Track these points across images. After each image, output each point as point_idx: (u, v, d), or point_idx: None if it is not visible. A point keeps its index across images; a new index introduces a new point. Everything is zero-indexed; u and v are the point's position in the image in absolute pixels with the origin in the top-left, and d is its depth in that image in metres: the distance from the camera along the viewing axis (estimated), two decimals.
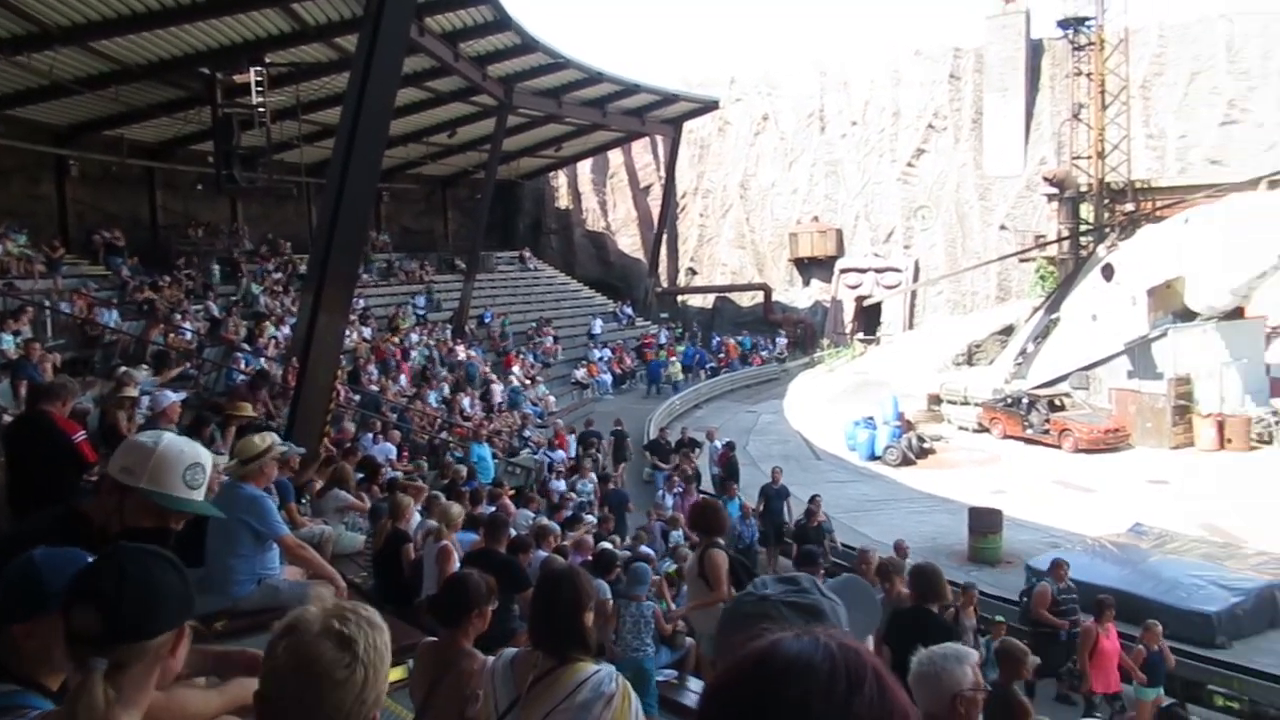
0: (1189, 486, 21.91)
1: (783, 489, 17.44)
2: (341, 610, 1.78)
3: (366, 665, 1.73)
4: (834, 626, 1.54)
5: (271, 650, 1.74)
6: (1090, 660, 10.38)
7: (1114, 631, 10.58)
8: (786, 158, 51.81)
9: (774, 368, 41.93)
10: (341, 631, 1.72)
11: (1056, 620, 11.62)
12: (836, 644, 1.11)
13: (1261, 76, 41.40)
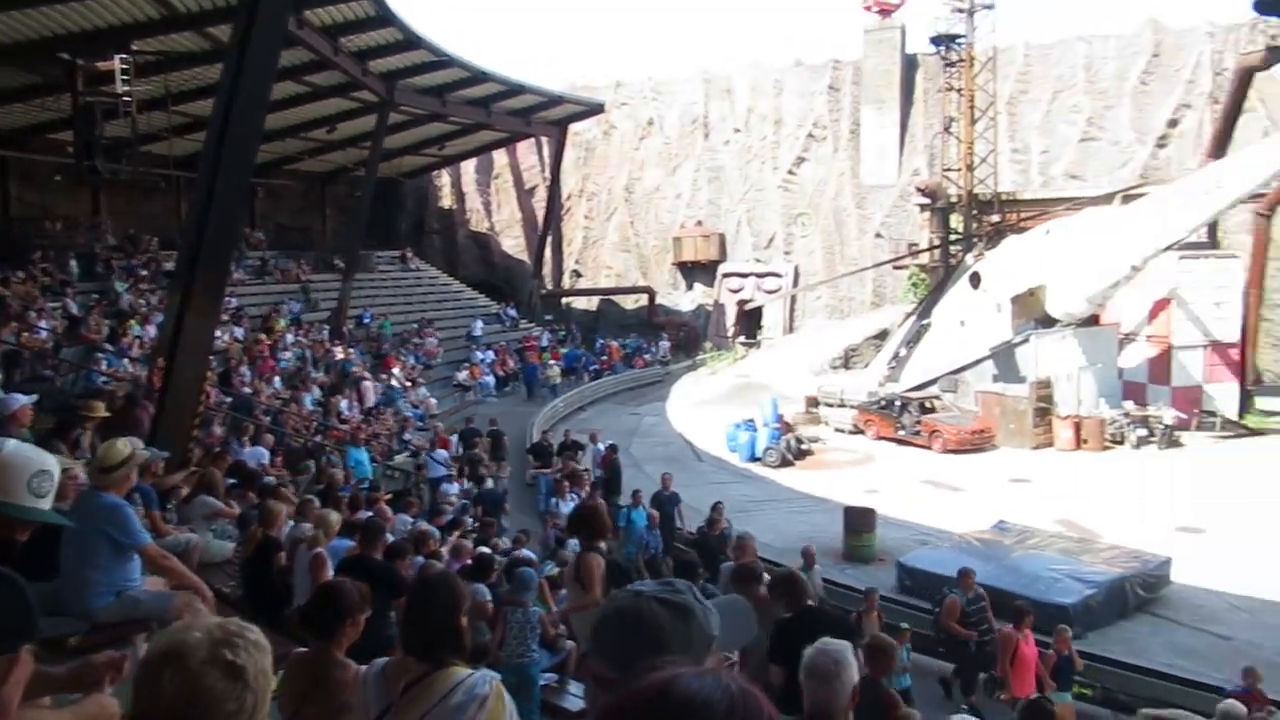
0: (1048, 485, 23.00)
1: (674, 495, 17.41)
2: (228, 635, 1.67)
3: (256, 692, 1.64)
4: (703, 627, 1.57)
5: (151, 679, 1.62)
6: (1010, 667, 10.35)
7: (1031, 637, 10.62)
8: (671, 162, 52.33)
9: (657, 370, 42.25)
10: (231, 661, 1.63)
11: (965, 631, 11.62)
12: (737, 686, 1.12)
13: (1117, 96, 43.83)
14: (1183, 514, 19.83)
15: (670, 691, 1.11)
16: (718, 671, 1.16)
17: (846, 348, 41.32)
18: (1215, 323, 29.19)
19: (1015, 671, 10.26)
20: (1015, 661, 10.27)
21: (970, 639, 11.56)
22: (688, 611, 1.58)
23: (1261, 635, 13.77)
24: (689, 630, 1.55)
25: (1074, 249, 27.77)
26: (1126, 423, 26.93)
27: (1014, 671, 10.27)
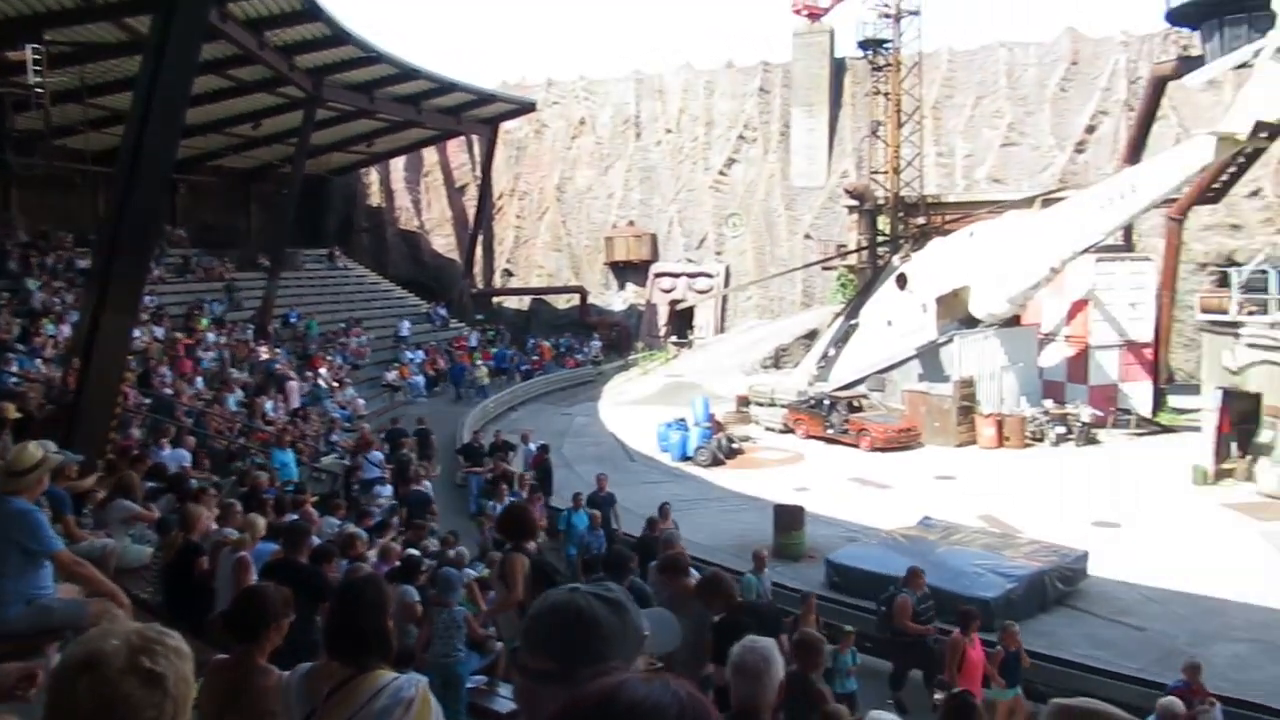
0: (972, 481, 23.54)
1: (609, 496, 17.34)
2: (147, 642, 1.62)
3: (176, 700, 1.60)
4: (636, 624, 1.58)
5: (66, 688, 1.56)
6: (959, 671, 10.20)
7: (978, 640, 10.54)
8: (603, 162, 52.33)
9: (589, 370, 42.22)
10: (150, 669, 1.58)
11: (919, 629, 11.58)
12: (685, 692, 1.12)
13: (1037, 103, 44.99)
14: (1099, 509, 20.45)
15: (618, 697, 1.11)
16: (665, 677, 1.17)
17: (777, 347, 41.75)
18: (1130, 323, 30.14)
19: (963, 675, 10.13)
20: (964, 666, 10.16)
21: (928, 634, 11.55)
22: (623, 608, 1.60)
23: (1173, 626, 14.27)
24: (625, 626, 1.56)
25: (996, 251, 28.45)
26: (1046, 421, 27.67)
27: (962, 676, 10.13)
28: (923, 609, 11.76)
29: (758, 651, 3.19)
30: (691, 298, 48.42)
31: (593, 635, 1.52)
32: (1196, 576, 16.16)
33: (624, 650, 1.55)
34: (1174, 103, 37.02)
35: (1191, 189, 28.85)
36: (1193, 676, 9.60)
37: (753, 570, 12.24)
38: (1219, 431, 22.97)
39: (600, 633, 1.53)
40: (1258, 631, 13.93)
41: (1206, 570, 16.50)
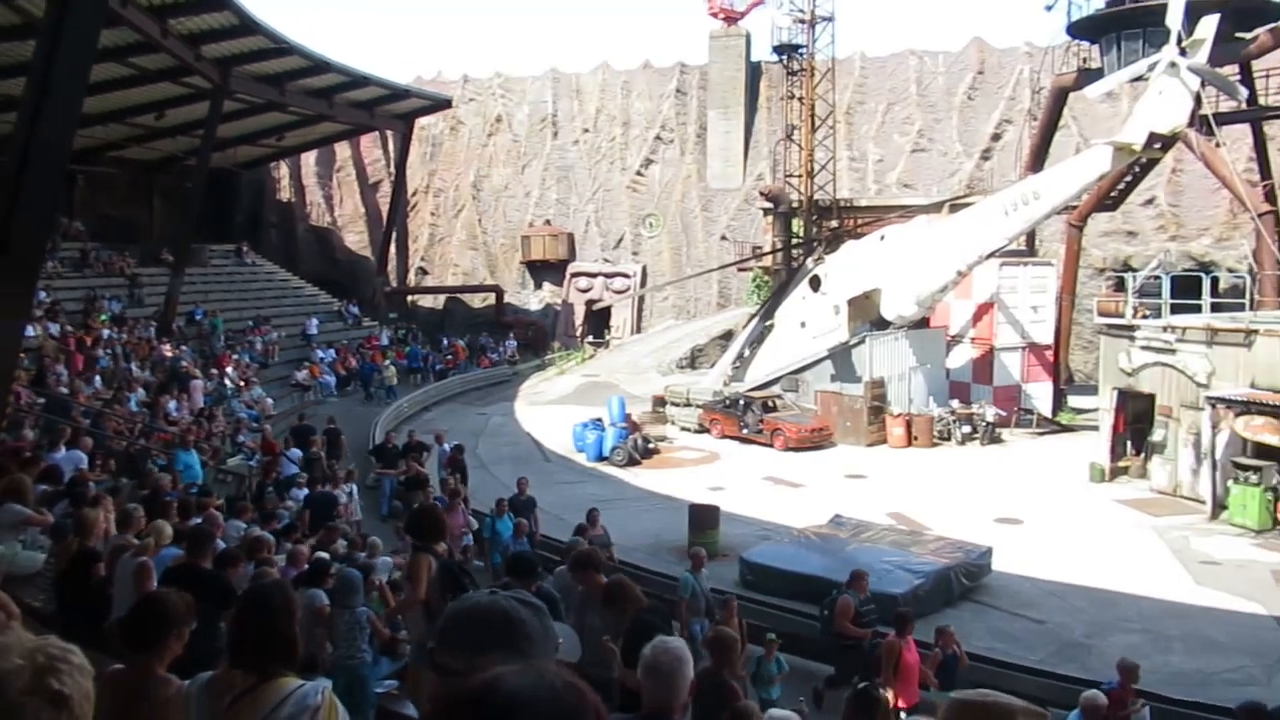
0: (882, 480, 24.04)
1: (530, 499, 17.08)
2: (50, 659, 1.54)
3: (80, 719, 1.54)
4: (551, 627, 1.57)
5: None
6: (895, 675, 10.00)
7: (913, 643, 10.42)
8: (520, 160, 52.05)
9: (505, 370, 41.94)
10: (55, 689, 1.50)
11: (859, 631, 11.45)
12: (560, 681, 1.12)
13: (946, 110, 46.18)
14: (1002, 506, 21.10)
15: (496, 688, 1.11)
16: (541, 667, 1.17)
17: (693, 348, 42.04)
18: (1032, 326, 31.15)
19: (900, 679, 9.97)
20: (900, 669, 9.99)
21: (864, 638, 11.37)
22: (543, 612, 1.59)
23: (1071, 618, 14.78)
24: (545, 629, 1.56)
25: (906, 255, 29.09)
26: (953, 420, 28.41)
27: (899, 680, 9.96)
28: (865, 611, 11.64)
29: (671, 652, 3.19)
30: (608, 298, 48.47)
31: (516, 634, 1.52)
32: (1093, 570, 16.79)
33: (544, 651, 1.54)
34: (1075, 113, 38.37)
35: (1090, 197, 29.92)
36: (1127, 677, 9.45)
37: (690, 569, 12.13)
38: (1114, 430, 23.87)
39: (523, 631, 1.52)
40: (1149, 622, 14.51)
41: (1103, 564, 17.17)
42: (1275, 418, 19.17)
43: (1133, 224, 40.65)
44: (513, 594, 1.63)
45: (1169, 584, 16.23)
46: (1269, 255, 26.38)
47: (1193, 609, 15.06)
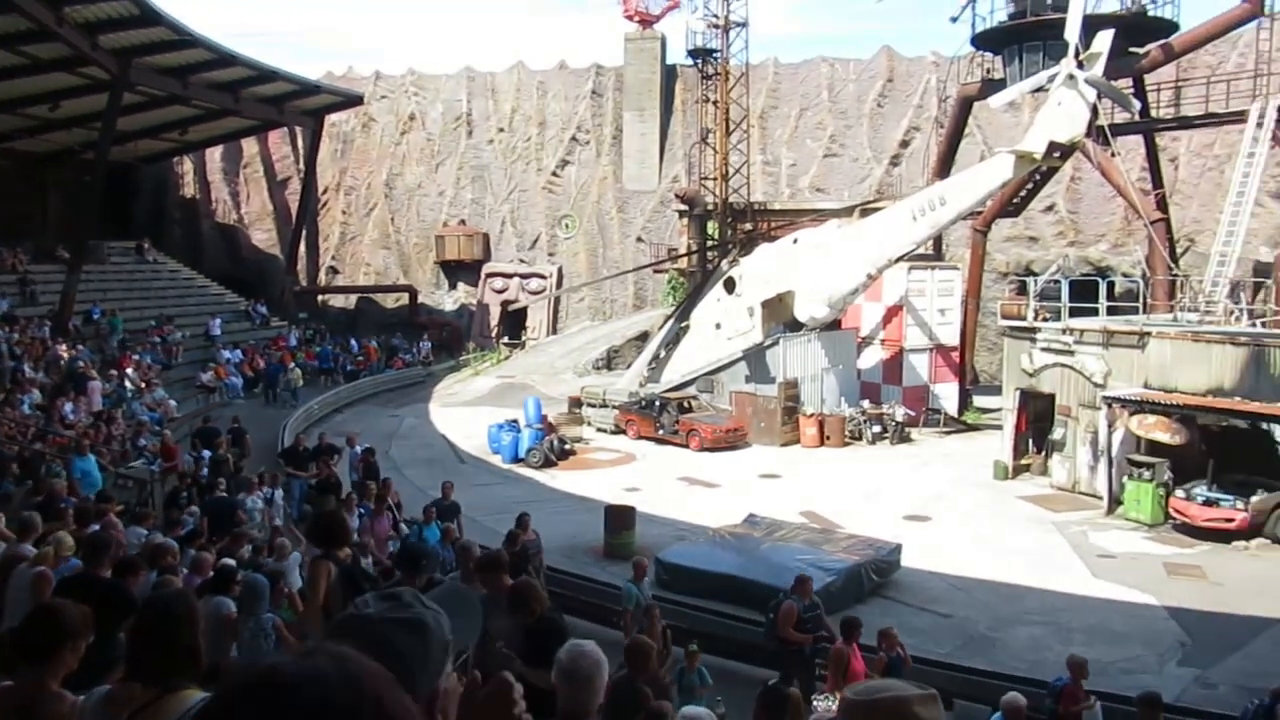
0: (795, 479, 24.39)
1: (454, 505, 16.62)
2: None
3: None
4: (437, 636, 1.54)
5: None
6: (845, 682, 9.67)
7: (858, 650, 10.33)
8: (434, 159, 51.45)
9: (419, 371, 41.36)
10: None
11: (802, 637, 11.33)
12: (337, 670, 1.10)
13: (856, 117, 47.10)
14: (911, 503, 21.63)
15: (272, 680, 1.08)
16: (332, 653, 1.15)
17: (609, 349, 42.06)
18: (940, 328, 31.99)
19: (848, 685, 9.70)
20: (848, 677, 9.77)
21: (807, 643, 11.28)
22: (422, 626, 1.55)
23: (976, 612, 15.20)
24: (427, 646, 1.52)
25: (818, 258, 29.58)
26: (863, 420, 28.98)
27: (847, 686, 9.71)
28: (809, 617, 11.48)
29: (588, 656, 3.18)
30: (524, 298, 48.20)
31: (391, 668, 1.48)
32: (997, 565, 17.34)
33: (425, 678, 1.51)
34: (979, 121, 39.49)
35: (994, 203, 30.82)
36: (1076, 674, 9.38)
37: (632, 579, 11.99)
38: (1017, 429, 24.64)
39: (400, 664, 1.49)
40: (1050, 614, 15.02)
41: (1006, 558, 17.73)
42: (1166, 416, 20.02)
43: (1034, 230, 42.04)
44: (386, 613, 1.58)
45: (1069, 577, 16.83)
46: (1160, 261, 27.52)
47: (1091, 601, 15.64)
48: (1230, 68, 34.37)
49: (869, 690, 1.77)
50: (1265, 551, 18.10)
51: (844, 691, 1.83)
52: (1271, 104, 26.07)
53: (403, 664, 1.46)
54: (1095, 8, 27.55)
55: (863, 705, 1.74)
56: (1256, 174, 25.98)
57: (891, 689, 1.77)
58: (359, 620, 1.54)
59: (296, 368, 34.39)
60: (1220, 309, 24.29)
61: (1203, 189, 39.49)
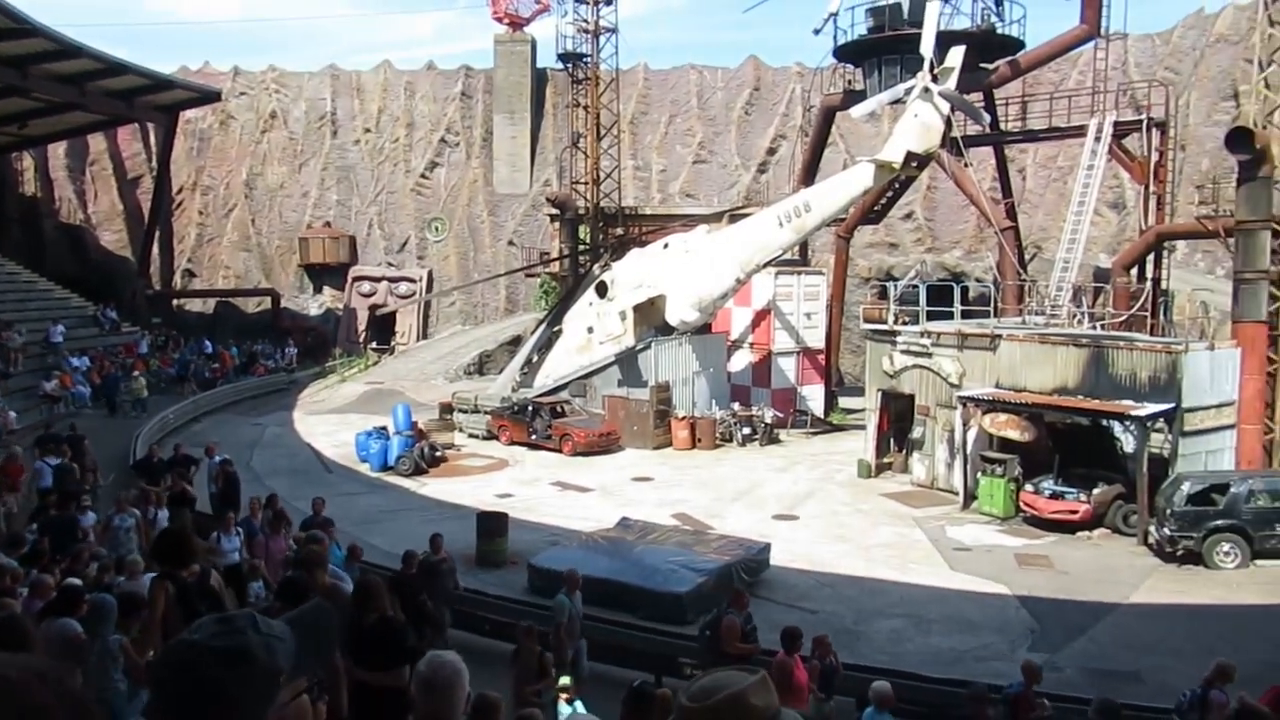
0: (667, 482, 24.62)
1: (327, 520, 15.89)
2: None
3: None
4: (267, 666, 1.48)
5: None
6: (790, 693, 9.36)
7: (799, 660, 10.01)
8: (296, 159, 49.96)
9: (282, 378, 40.03)
10: None
11: (747, 648, 10.95)
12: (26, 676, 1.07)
13: (725, 124, 47.97)
14: (780, 503, 22.14)
15: None
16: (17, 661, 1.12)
17: (481, 354, 41.63)
18: (806, 332, 32.88)
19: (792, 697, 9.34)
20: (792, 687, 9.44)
21: (752, 653, 10.88)
22: (245, 654, 1.49)
23: (842, 607, 15.64)
24: (250, 675, 1.46)
25: (688, 263, 29.98)
26: (734, 422, 29.49)
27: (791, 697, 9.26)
28: (750, 629, 11.23)
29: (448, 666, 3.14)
30: (393, 302, 47.24)
31: (209, 705, 1.43)
32: (861, 560, 17.92)
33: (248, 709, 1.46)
34: (842, 131, 40.76)
35: (856, 210, 31.84)
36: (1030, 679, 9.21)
37: (565, 592, 11.72)
38: (879, 429, 25.50)
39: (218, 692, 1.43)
40: (911, 607, 15.58)
41: (870, 554, 18.34)
42: (1016, 414, 21.06)
43: (894, 236, 43.68)
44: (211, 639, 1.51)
45: (928, 570, 17.49)
46: (1010, 267, 28.95)
47: (948, 592, 16.30)
48: (1071, 85, 36.49)
49: (703, 693, 1.77)
50: (1106, 541, 19.23)
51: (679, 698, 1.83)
52: (1108, 120, 27.78)
53: (220, 693, 1.41)
54: (948, 25, 28.80)
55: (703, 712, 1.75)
56: (1095, 185, 27.62)
57: (724, 685, 1.78)
58: (180, 648, 1.48)
59: (141, 377, 32.63)
60: (1064, 312, 25.72)
61: (1048, 199, 41.79)
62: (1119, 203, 39.41)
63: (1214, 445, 20.26)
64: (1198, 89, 39.99)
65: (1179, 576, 17.06)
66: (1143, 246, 27.40)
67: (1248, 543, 17.22)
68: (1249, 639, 13.99)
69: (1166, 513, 17.71)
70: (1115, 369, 20.49)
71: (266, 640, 1.51)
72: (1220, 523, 17.31)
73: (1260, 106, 22.38)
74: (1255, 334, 21.19)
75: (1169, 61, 41.94)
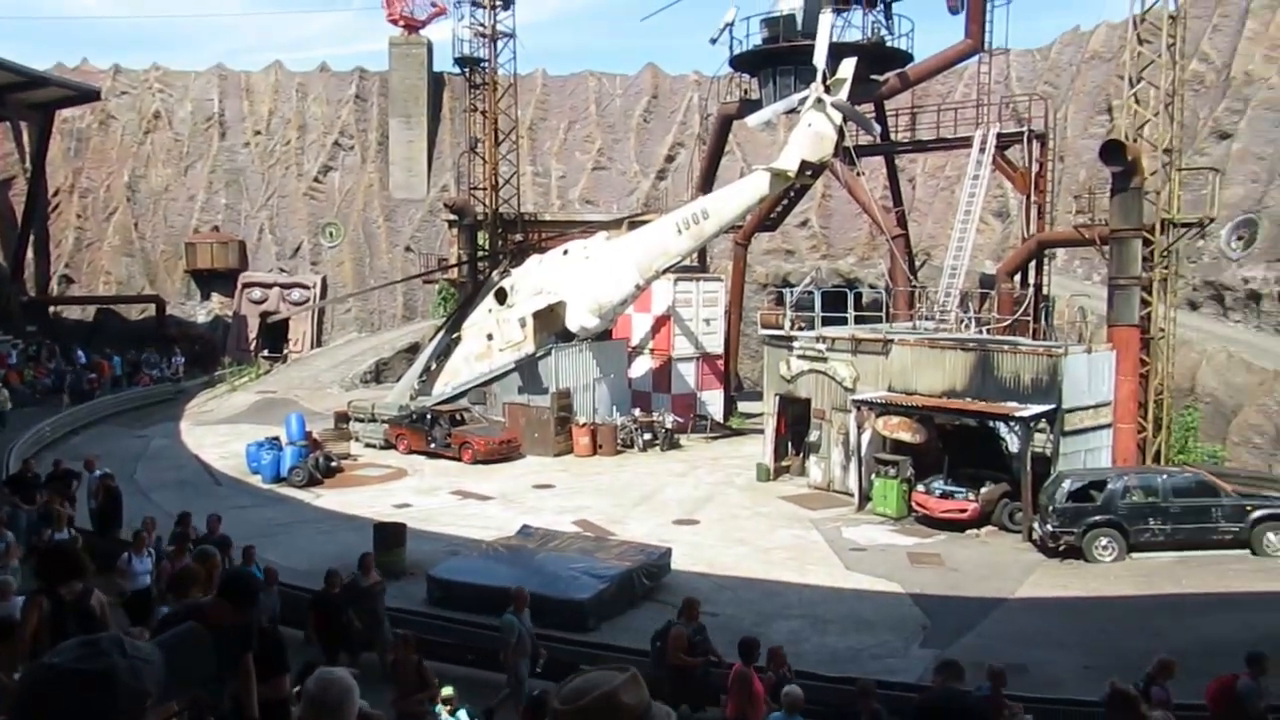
0: (569, 489, 24.56)
1: (224, 538, 15.12)
2: None
3: None
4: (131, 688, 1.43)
5: None
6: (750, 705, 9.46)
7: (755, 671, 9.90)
8: (182, 161, 48.33)
9: (168, 388, 38.61)
10: None
11: (693, 660, 10.89)
12: None
13: (624, 131, 48.18)
14: (681, 508, 22.30)
15: None
16: None
17: (378, 361, 40.90)
18: (705, 337, 33.23)
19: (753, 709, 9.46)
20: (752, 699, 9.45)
21: (698, 665, 10.87)
22: (108, 678, 1.44)
23: (742, 609, 15.82)
24: (113, 699, 1.41)
25: (588, 269, 29.99)
26: (635, 428, 29.60)
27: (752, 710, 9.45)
28: (698, 640, 11.05)
29: (338, 684, 3.06)
30: (285, 309, 46.02)
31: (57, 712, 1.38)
32: (760, 563, 18.18)
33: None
34: (739, 139, 41.33)
35: (753, 218, 32.33)
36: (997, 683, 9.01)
37: (512, 610, 11.40)
38: (777, 433, 25.90)
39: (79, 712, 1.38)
40: (809, 607, 15.87)
41: (769, 556, 18.62)
42: (908, 417, 21.65)
43: (791, 243, 44.49)
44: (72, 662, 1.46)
45: (824, 571, 17.84)
46: (901, 273, 29.79)
47: (844, 593, 16.65)
48: (958, 97, 37.78)
49: (575, 694, 1.77)
50: (994, 538, 19.91)
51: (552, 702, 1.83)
52: (991, 131, 28.82)
53: (82, 718, 1.36)
54: (840, 36, 29.48)
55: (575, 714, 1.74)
56: (980, 194, 28.62)
57: (595, 685, 1.78)
58: (40, 671, 1.42)
59: (4, 389, 31.00)
60: (953, 317, 26.55)
61: (936, 207, 43.15)
62: (1003, 211, 40.94)
63: (1092, 444, 21.19)
64: (1075, 103, 41.83)
65: (1061, 571, 17.77)
66: (1025, 254, 28.47)
67: (1124, 537, 18.04)
68: (1127, 629, 14.69)
69: (1049, 510, 18.43)
70: (1000, 372, 21.25)
71: (132, 663, 1.45)
72: (1098, 518, 18.09)
73: (1131, 120, 23.47)
74: (1129, 337, 22.22)
75: (1048, 76, 43.78)
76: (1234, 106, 34.48)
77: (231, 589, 4.80)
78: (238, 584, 4.93)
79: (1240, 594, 16.04)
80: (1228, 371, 26.99)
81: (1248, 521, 18.05)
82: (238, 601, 4.72)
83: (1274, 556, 17.77)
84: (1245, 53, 35.32)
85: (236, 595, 4.74)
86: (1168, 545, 18.13)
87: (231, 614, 4.59)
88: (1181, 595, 16.17)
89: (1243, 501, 18.35)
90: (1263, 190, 31.85)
